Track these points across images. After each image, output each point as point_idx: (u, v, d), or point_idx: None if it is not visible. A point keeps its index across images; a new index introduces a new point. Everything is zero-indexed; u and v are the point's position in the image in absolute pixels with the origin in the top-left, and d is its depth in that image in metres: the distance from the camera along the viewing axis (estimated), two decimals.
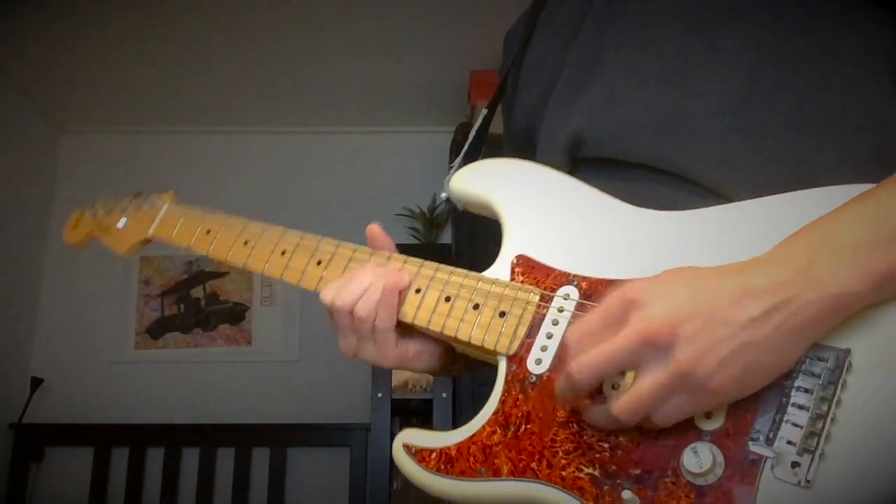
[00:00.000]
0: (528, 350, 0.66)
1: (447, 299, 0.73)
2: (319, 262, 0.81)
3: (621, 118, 0.74)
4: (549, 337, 0.66)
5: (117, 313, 3.38)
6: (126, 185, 1.12)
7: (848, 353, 0.55)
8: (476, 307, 0.71)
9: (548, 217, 0.73)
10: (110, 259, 1.01)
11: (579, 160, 0.79)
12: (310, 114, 3.50)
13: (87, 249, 1.09)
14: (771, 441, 0.55)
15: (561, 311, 0.67)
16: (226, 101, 3.39)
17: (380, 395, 2.78)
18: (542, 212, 0.73)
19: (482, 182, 0.79)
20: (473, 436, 0.65)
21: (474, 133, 0.92)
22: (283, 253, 0.84)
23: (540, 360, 0.66)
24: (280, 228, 0.86)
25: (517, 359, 0.67)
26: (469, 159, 0.84)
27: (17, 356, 3.23)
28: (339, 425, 3.13)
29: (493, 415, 0.66)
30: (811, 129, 0.66)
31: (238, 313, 3.42)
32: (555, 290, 0.68)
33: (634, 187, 0.72)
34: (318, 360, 3.24)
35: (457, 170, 0.82)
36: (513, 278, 0.71)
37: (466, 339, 0.70)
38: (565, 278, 0.68)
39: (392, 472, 2.78)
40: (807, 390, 0.55)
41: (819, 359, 0.55)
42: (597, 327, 0.57)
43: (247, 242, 0.87)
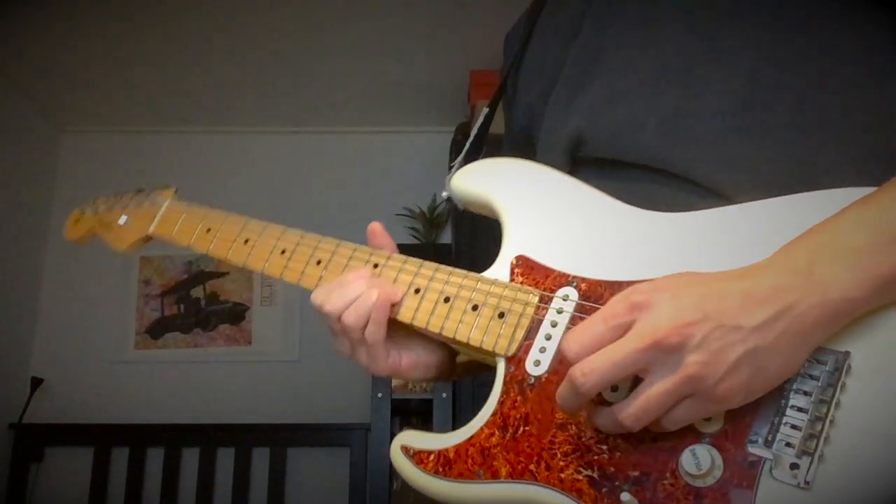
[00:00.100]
0: (527, 351, 0.66)
1: (446, 300, 0.72)
2: (319, 262, 0.81)
3: (621, 118, 0.74)
4: (548, 338, 0.66)
5: (117, 313, 3.38)
6: (126, 186, 1.12)
7: (847, 355, 0.55)
8: (475, 308, 0.70)
9: (548, 217, 0.73)
10: (110, 259, 1.01)
11: (579, 160, 0.78)
12: (310, 114, 3.50)
13: (87, 249, 1.09)
14: (770, 443, 0.55)
15: (560, 312, 0.66)
16: (226, 101, 3.39)
17: (380, 395, 2.78)
18: (543, 212, 0.73)
19: (483, 181, 0.79)
20: (472, 438, 0.65)
21: (475, 133, 0.92)
22: (283, 252, 0.84)
23: (539, 361, 0.65)
24: (280, 227, 0.86)
25: (516, 360, 0.66)
26: (470, 159, 0.83)
27: (17, 356, 3.23)
28: (339, 425, 3.13)
29: (491, 416, 0.65)
30: (811, 130, 0.66)
31: (238, 313, 3.42)
32: (554, 290, 0.68)
33: (634, 187, 0.71)
34: (318, 360, 3.24)
35: (458, 169, 0.81)
36: (512, 279, 0.71)
37: (465, 340, 0.70)
38: (564, 279, 0.68)
39: (392, 472, 2.78)
40: (805, 393, 0.55)
41: (818, 362, 0.55)
42: (601, 331, 0.56)
43: (247, 241, 0.87)
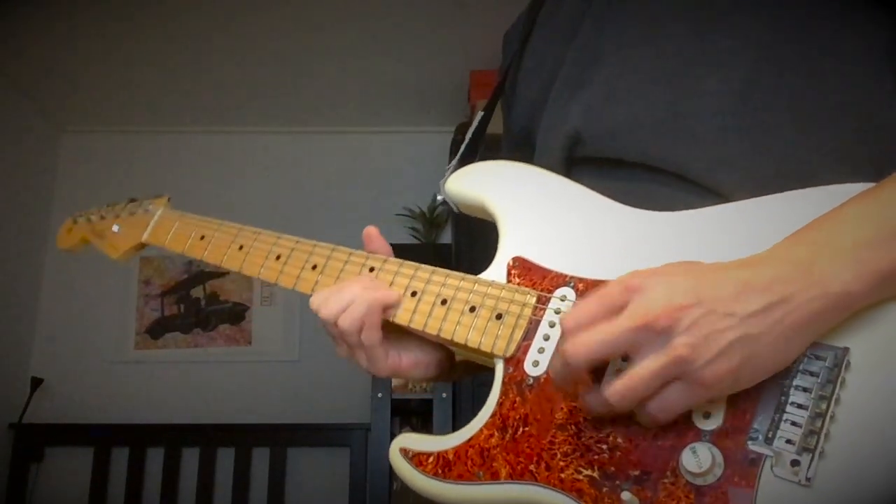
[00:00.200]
0: (525, 352, 0.66)
1: (443, 302, 0.72)
2: (315, 267, 0.81)
3: (620, 117, 0.74)
4: (546, 339, 0.66)
5: (117, 313, 3.38)
6: (126, 185, 1.12)
7: (846, 351, 0.55)
8: (472, 309, 0.70)
9: (544, 218, 0.73)
10: (110, 259, 1.01)
11: (577, 159, 0.78)
12: (310, 114, 3.50)
13: (87, 250, 1.09)
14: (770, 440, 0.54)
15: (558, 312, 0.66)
16: (226, 101, 3.38)
17: (380, 395, 2.78)
18: (539, 213, 0.73)
19: (478, 184, 0.79)
20: (471, 439, 0.65)
21: (470, 134, 0.92)
22: (279, 258, 0.84)
23: (537, 362, 0.65)
24: (275, 234, 0.86)
25: (514, 361, 0.66)
26: (465, 161, 0.83)
27: (17, 356, 3.23)
28: (339, 425, 3.13)
29: (490, 417, 0.65)
30: (810, 129, 0.66)
31: (238, 313, 3.42)
32: (551, 291, 0.68)
33: (633, 186, 0.71)
34: (318, 360, 3.24)
35: (452, 172, 0.81)
36: (509, 280, 0.71)
37: (463, 342, 0.70)
38: (562, 280, 0.68)
39: (392, 472, 2.77)
40: (805, 389, 0.54)
41: (818, 358, 0.55)
42: (595, 311, 0.56)
43: (241, 247, 0.87)
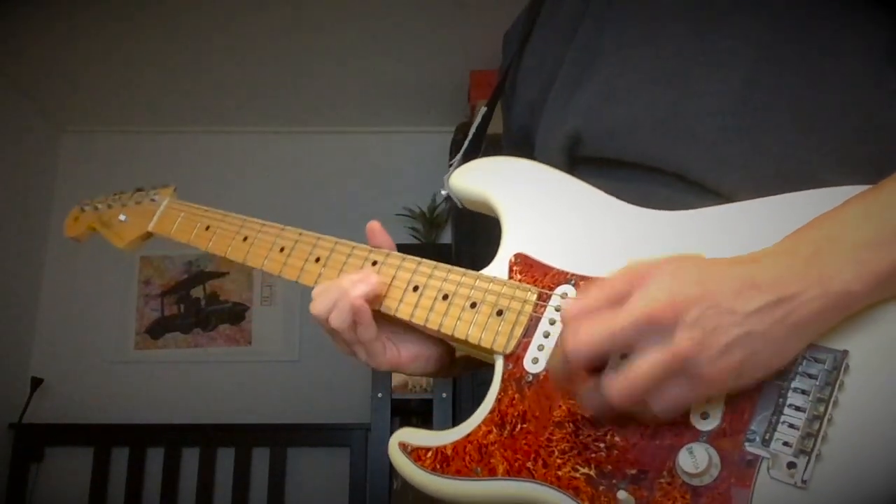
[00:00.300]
0: (525, 349, 0.66)
1: (445, 297, 0.72)
2: (318, 259, 0.82)
3: (620, 117, 0.74)
4: (546, 336, 0.66)
5: (117, 313, 3.39)
6: (126, 186, 1.12)
7: (846, 354, 0.55)
8: (473, 305, 0.70)
9: (547, 216, 0.73)
10: (110, 259, 1.01)
11: (577, 159, 0.78)
12: (310, 114, 3.50)
13: (87, 249, 1.09)
14: (767, 442, 0.54)
15: (558, 310, 0.66)
16: (226, 101, 3.39)
17: (380, 395, 2.78)
18: (542, 210, 0.73)
19: (482, 180, 0.79)
20: (469, 435, 0.65)
21: (473, 131, 0.92)
22: (282, 250, 0.85)
23: (537, 359, 0.65)
24: (278, 226, 0.87)
25: (514, 358, 0.66)
26: (468, 157, 0.83)
27: (17, 356, 3.23)
28: (339, 425, 3.13)
29: (489, 414, 0.65)
30: (810, 129, 0.66)
31: (238, 313, 3.42)
32: (552, 288, 0.68)
33: (632, 187, 0.71)
34: (318, 360, 3.24)
35: (457, 167, 0.81)
36: (511, 277, 0.71)
37: (463, 337, 0.70)
38: (563, 277, 0.68)
39: (392, 471, 2.78)
40: (804, 392, 0.54)
41: (816, 360, 0.55)
42: (597, 303, 0.55)
43: (246, 238, 0.88)
